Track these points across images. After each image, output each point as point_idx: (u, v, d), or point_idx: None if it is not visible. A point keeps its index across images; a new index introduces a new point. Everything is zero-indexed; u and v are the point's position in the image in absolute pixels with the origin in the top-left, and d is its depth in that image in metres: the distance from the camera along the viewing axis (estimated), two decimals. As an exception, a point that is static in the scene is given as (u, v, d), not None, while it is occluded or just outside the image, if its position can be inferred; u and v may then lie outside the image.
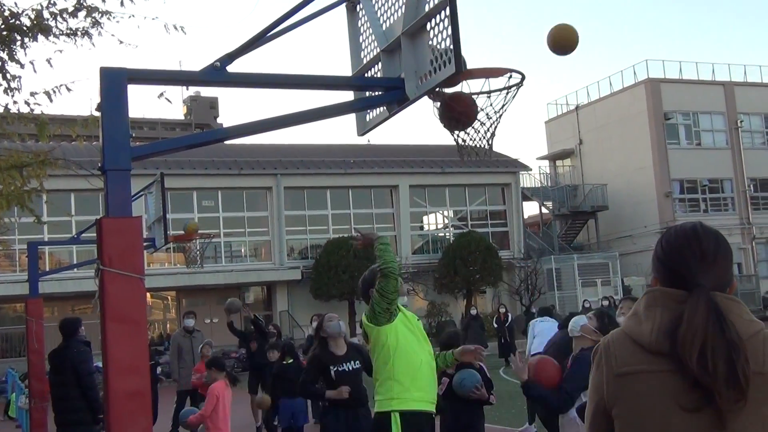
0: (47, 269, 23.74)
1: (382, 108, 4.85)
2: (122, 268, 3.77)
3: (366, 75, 5.00)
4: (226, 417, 8.63)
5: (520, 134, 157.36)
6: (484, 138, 5.15)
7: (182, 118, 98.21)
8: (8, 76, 5.99)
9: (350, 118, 5.24)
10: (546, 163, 47.18)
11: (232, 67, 4.22)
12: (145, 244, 12.20)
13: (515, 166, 39.05)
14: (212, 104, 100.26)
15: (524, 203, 40.54)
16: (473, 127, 5.13)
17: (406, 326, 5.32)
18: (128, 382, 3.78)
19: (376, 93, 4.73)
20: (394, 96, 4.52)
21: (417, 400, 5.08)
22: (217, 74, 4.18)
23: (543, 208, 43.79)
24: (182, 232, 15.66)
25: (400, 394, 5.12)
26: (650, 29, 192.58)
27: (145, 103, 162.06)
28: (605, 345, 2.32)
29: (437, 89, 4.31)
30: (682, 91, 41.31)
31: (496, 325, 25.20)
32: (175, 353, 13.81)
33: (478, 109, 4.78)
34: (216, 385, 8.63)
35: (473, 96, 4.74)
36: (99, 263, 3.79)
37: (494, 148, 5.19)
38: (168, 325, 34.05)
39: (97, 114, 3.86)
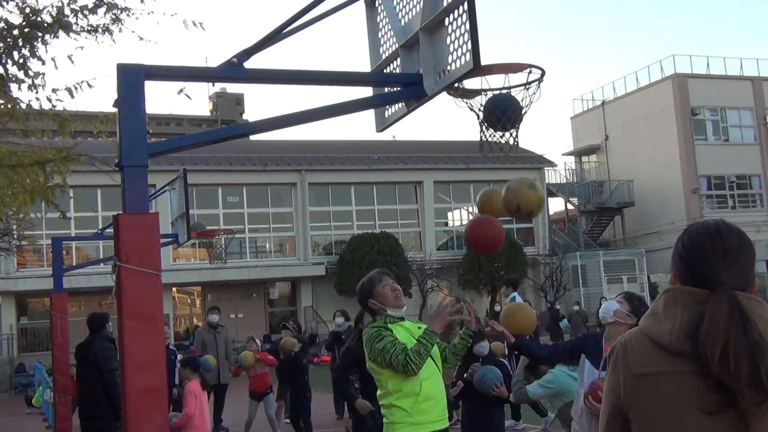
0: (74, 264, 23.92)
1: (400, 104, 4.83)
2: (139, 265, 3.78)
3: (384, 71, 4.98)
4: (204, 416, 8.67)
5: (545, 130, 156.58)
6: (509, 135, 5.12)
7: (208, 114, 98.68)
8: (30, 72, 6.02)
9: (371, 114, 5.22)
10: (572, 158, 46.90)
11: (250, 63, 4.22)
12: (168, 239, 12.28)
13: (540, 162, 38.87)
14: (238, 101, 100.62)
15: (549, 199, 40.35)
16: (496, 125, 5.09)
17: (408, 341, 5.05)
18: (145, 378, 3.79)
19: (395, 89, 4.71)
20: (413, 92, 4.50)
21: (418, 423, 4.98)
22: (235, 70, 4.18)
23: (568, 204, 43.56)
24: (210, 227, 15.72)
25: (403, 419, 5.03)
26: (677, 24, 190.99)
27: (172, 100, 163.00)
28: (622, 345, 2.26)
29: (455, 85, 4.29)
30: (709, 86, 40.90)
31: (520, 322, 25.04)
32: (200, 348, 13.87)
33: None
34: (191, 385, 8.66)
35: (493, 92, 4.71)
36: (116, 259, 3.80)
37: (519, 144, 5.14)
38: (193, 320, 34.23)
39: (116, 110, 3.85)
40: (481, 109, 4.80)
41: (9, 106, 6.25)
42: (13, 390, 27.05)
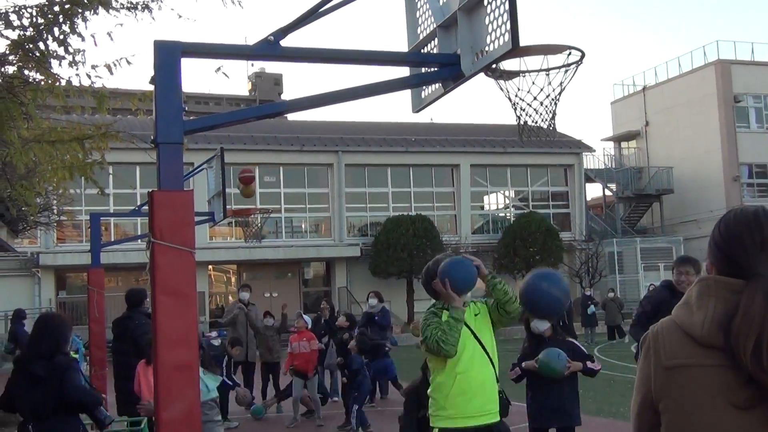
0: (112, 240, 24.20)
1: (437, 84, 4.79)
2: (173, 242, 3.79)
3: (422, 51, 4.94)
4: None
5: (584, 115, 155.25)
6: (545, 120, 5.06)
7: (247, 94, 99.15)
8: (70, 49, 6.05)
9: (408, 96, 5.19)
10: (611, 144, 46.43)
11: (287, 42, 4.20)
12: (205, 218, 12.38)
13: (579, 147, 38.54)
14: (276, 81, 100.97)
15: (587, 185, 40.02)
16: (534, 108, 5.04)
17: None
18: (177, 354, 3.81)
19: (432, 69, 4.67)
20: (450, 72, 4.45)
21: (451, 417, 4.99)
22: (271, 48, 4.16)
23: (606, 190, 43.18)
24: (246, 206, 15.83)
25: (437, 411, 5.09)
26: (722, 9, 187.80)
27: (212, 80, 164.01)
28: (654, 334, 2.20)
29: (493, 66, 4.24)
30: (753, 73, 40.21)
31: (555, 307, 24.88)
32: (232, 325, 14.02)
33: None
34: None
35: (530, 74, 4.65)
36: (150, 236, 3.82)
37: (558, 129, 5.08)
38: (229, 298, 34.51)
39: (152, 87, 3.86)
40: (518, 95, 4.75)
41: (49, 82, 6.28)
42: (51, 363, 27.46)
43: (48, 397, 5.67)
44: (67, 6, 5.84)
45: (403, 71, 4.89)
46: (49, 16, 5.88)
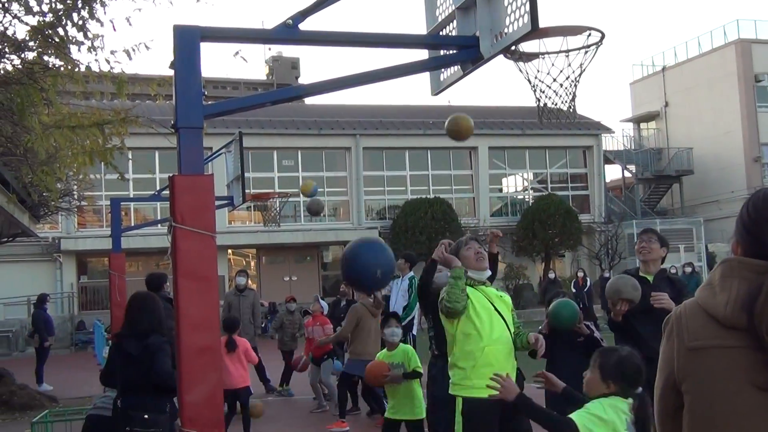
0: (132, 225, 24.35)
1: (456, 67, 4.77)
2: (194, 226, 3.81)
3: (440, 33, 4.92)
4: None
5: (603, 96, 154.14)
6: (565, 102, 5.04)
7: (264, 78, 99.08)
8: (89, 35, 6.08)
9: (426, 80, 5.17)
10: (630, 125, 46.12)
11: (305, 25, 4.19)
12: (224, 202, 12.42)
13: (597, 129, 38.31)
14: (294, 64, 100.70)
15: (606, 166, 39.79)
16: (554, 90, 5.02)
17: (475, 310, 5.26)
18: (199, 337, 3.84)
19: (451, 51, 4.66)
20: (469, 54, 4.44)
21: (476, 388, 5.06)
22: (290, 32, 4.16)
23: (626, 171, 42.93)
24: (264, 190, 15.90)
25: (461, 381, 5.23)
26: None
27: (229, 64, 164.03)
28: (677, 316, 2.20)
29: (512, 47, 4.22)
30: (774, 52, 39.78)
31: (574, 290, 24.90)
32: (225, 310, 13.97)
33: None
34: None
35: (550, 55, 4.63)
36: (171, 220, 3.84)
37: (577, 112, 5.06)
38: (248, 282, 34.61)
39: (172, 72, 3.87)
40: (537, 77, 4.73)
41: (69, 67, 6.32)
42: (73, 346, 27.78)
43: (138, 375, 5.76)
44: (85, -9, 5.87)
45: (422, 54, 4.88)
46: (68, 1, 5.91)
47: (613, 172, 44.47)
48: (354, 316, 10.87)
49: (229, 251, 32.93)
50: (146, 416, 5.75)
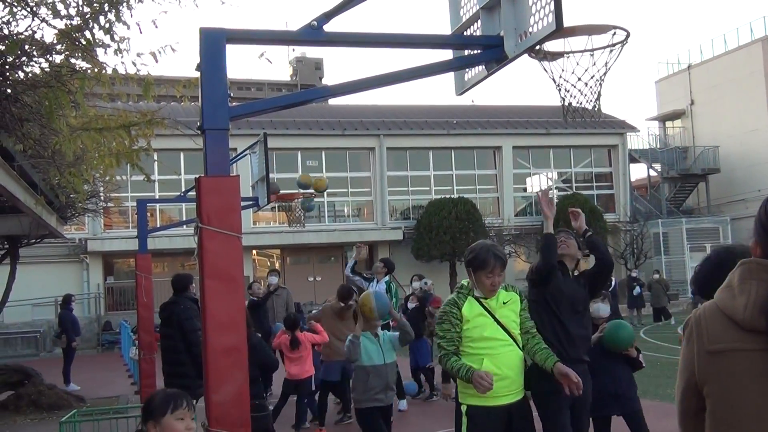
0: (158, 226, 24.51)
1: (480, 67, 4.77)
2: (220, 227, 3.84)
3: (465, 33, 4.92)
4: None
5: (628, 94, 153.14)
6: (590, 101, 5.02)
7: (288, 79, 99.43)
8: (116, 37, 6.13)
9: (449, 80, 5.18)
10: (655, 124, 45.82)
11: (329, 27, 4.21)
12: (249, 203, 12.48)
13: (622, 127, 38.07)
14: (317, 65, 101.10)
15: (631, 165, 39.53)
16: (579, 89, 5.00)
17: (478, 320, 5.24)
18: (225, 337, 3.87)
19: (475, 51, 4.65)
20: (493, 54, 4.44)
21: (477, 396, 5.05)
22: (314, 33, 4.18)
23: (651, 170, 42.64)
24: (290, 191, 16.00)
25: (464, 389, 5.22)
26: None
27: (254, 65, 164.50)
28: (696, 319, 2.18)
29: (537, 47, 4.21)
30: (802, 48, 39.38)
31: (599, 289, 24.71)
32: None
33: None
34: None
35: (575, 54, 4.62)
36: (198, 221, 3.87)
37: (602, 110, 5.04)
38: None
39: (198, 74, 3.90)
40: (562, 76, 4.71)
41: (96, 70, 6.37)
42: (100, 346, 28.02)
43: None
44: (112, -6, 5.92)
45: (446, 54, 4.88)
46: (95, 5, 5.97)
47: (639, 171, 44.24)
48: (317, 317, 11.26)
49: (254, 252, 33.06)
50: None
